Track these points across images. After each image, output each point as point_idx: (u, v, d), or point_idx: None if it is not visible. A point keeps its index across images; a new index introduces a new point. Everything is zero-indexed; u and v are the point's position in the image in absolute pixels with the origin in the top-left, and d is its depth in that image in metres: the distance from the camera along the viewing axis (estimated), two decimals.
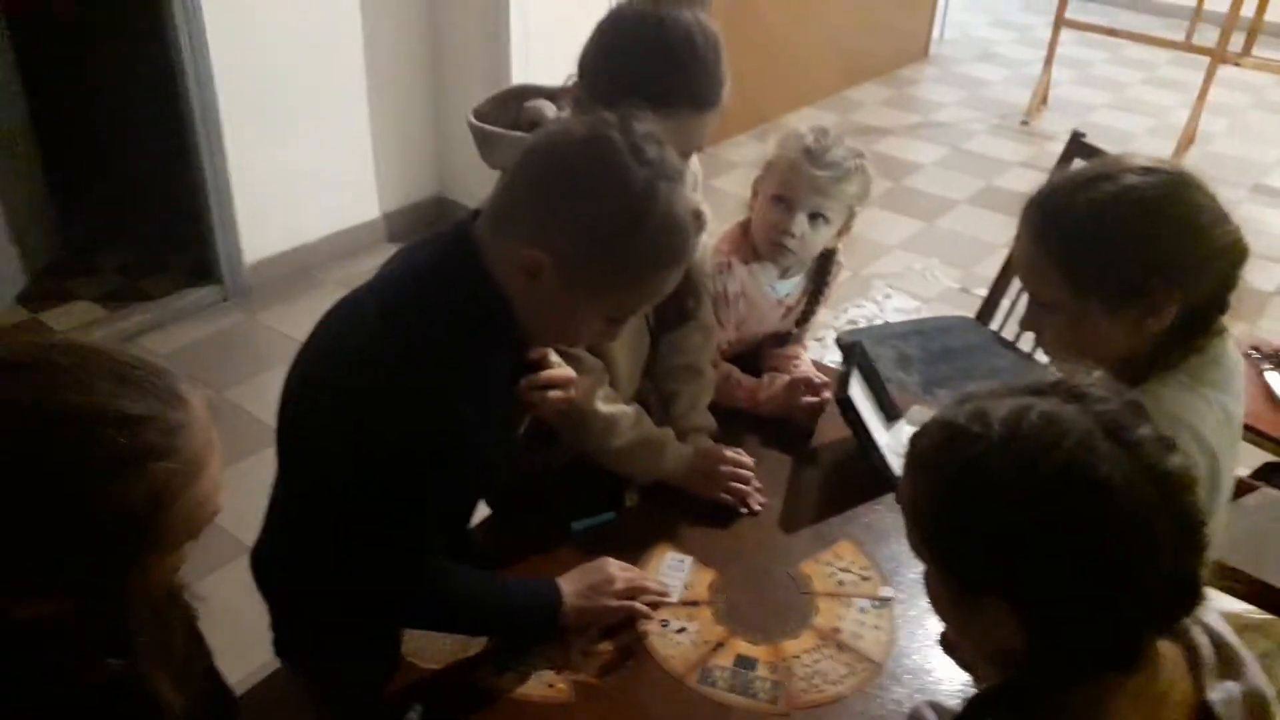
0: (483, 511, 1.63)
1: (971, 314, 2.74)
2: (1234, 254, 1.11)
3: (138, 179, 3.76)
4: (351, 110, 3.59)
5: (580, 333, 1.21)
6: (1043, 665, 0.75)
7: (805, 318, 1.83)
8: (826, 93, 5.58)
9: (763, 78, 4.90)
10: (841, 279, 1.87)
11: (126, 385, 0.79)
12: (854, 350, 1.69)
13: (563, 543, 1.46)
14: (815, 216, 1.66)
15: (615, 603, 1.30)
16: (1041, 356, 2.53)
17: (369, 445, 1.10)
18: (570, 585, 1.30)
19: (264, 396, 2.84)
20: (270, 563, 1.31)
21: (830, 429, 1.72)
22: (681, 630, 1.34)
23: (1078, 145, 2.50)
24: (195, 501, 0.82)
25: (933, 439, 0.78)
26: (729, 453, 1.57)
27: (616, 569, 1.34)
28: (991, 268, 3.91)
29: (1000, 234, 4.17)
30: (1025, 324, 1.23)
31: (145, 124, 3.55)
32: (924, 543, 0.80)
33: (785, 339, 1.85)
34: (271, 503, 1.28)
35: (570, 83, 1.45)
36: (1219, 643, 0.82)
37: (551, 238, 1.08)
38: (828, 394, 1.71)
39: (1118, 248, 1.10)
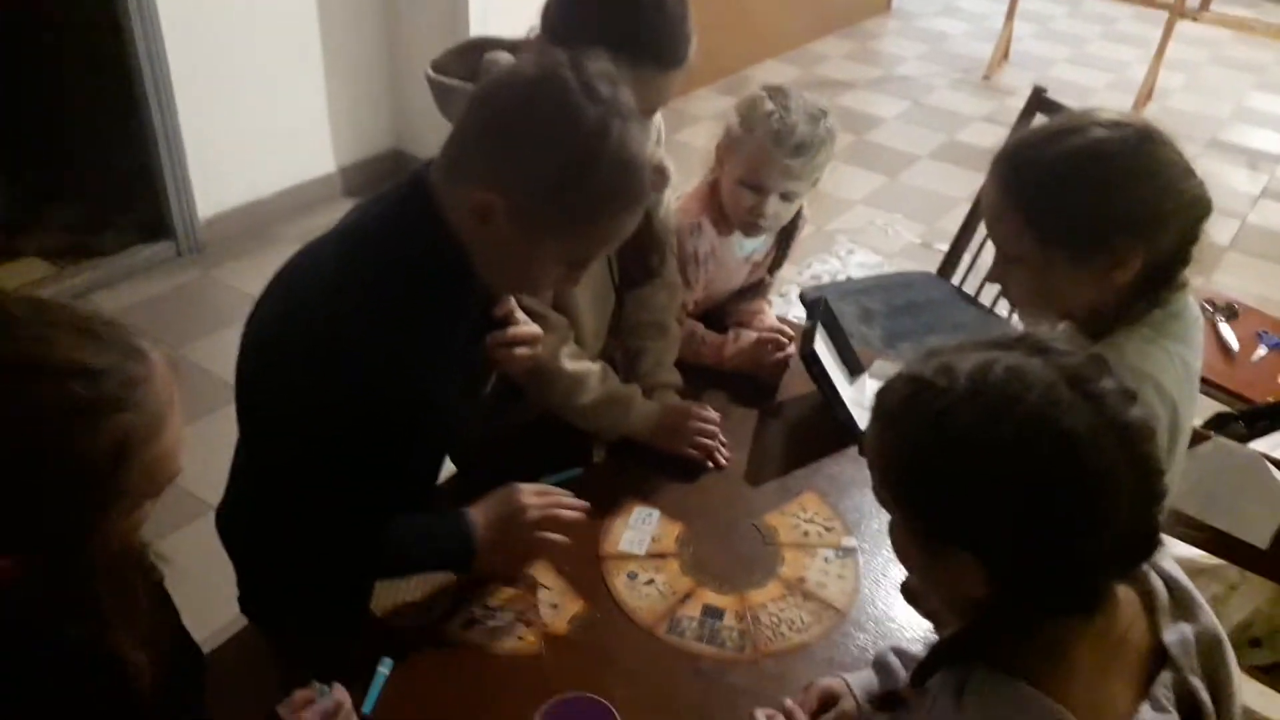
0: (449, 469, 1.63)
1: (934, 269, 2.76)
2: (1198, 209, 1.13)
3: (85, 133, 3.64)
4: (305, 62, 3.51)
5: (539, 279, 1.18)
6: (1005, 611, 0.77)
7: (770, 271, 1.83)
8: (789, 46, 5.55)
9: (725, 31, 4.85)
10: (806, 234, 1.87)
11: (86, 338, 0.77)
12: (818, 305, 1.70)
13: None
14: (786, 195, 1.66)
15: (530, 535, 1.27)
16: (1003, 310, 2.57)
17: (325, 401, 1.09)
18: (482, 516, 1.26)
19: (222, 354, 2.79)
20: (234, 521, 1.30)
21: (795, 383, 1.73)
22: (650, 582, 1.35)
23: (1039, 100, 2.52)
24: (156, 457, 0.80)
25: (899, 393, 0.79)
26: (695, 408, 1.58)
27: (528, 496, 1.28)
28: (953, 222, 3.93)
29: (962, 189, 4.19)
30: (991, 277, 1.24)
31: (92, 76, 3.43)
32: (890, 494, 0.81)
33: (750, 293, 1.86)
34: (234, 461, 1.26)
35: (532, 34, 1.42)
36: (1173, 586, 0.84)
37: (502, 179, 1.06)
38: (792, 349, 1.72)
39: (1084, 201, 1.11)
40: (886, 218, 4.00)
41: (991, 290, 2.66)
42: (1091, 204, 1.10)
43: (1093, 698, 0.76)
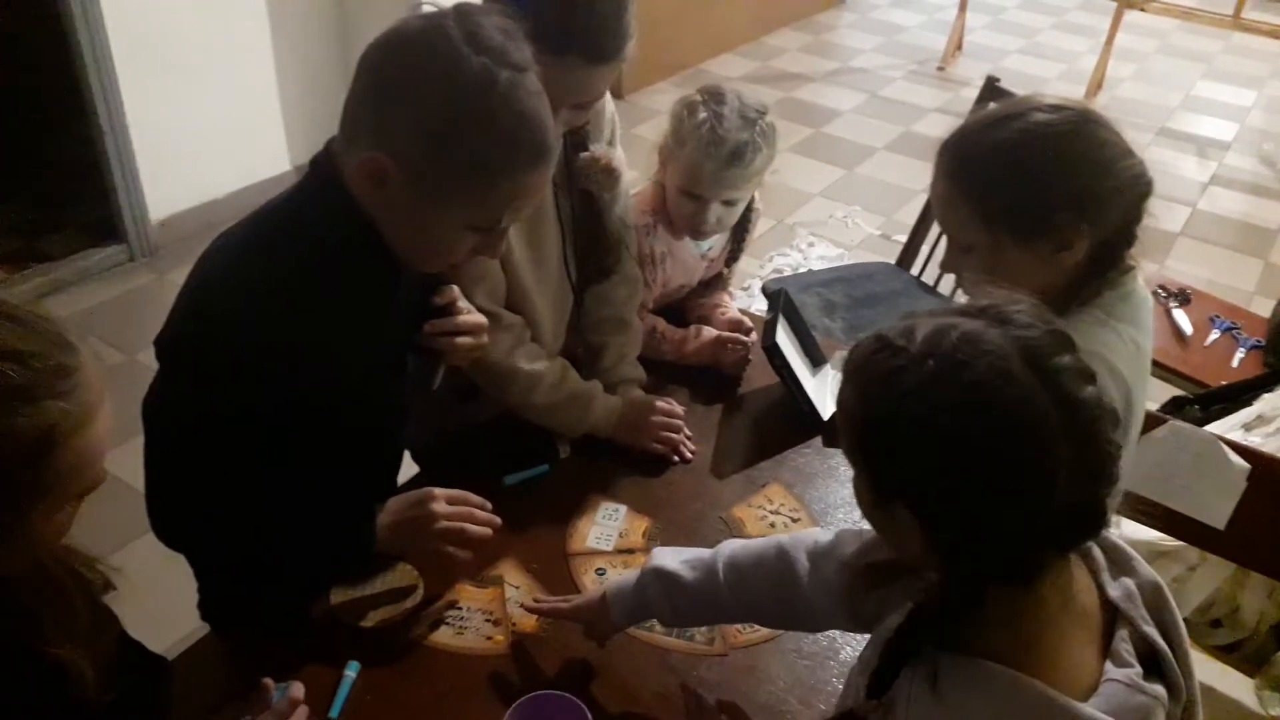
0: (412, 469, 1.62)
1: (893, 260, 2.78)
2: (1139, 187, 1.15)
3: (30, 134, 3.56)
4: (257, 59, 3.46)
5: (448, 247, 1.12)
6: (949, 583, 0.78)
7: (728, 265, 1.83)
8: (745, 39, 5.56)
9: (681, 25, 4.85)
10: (765, 229, 1.87)
11: (17, 324, 0.77)
12: (779, 298, 1.70)
13: (495, 497, 1.45)
14: (728, 201, 1.66)
15: (432, 545, 1.20)
16: (962, 299, 2.59)
17: (225, 386, 1.07)
18: (388, 517, 1.21)
19: None
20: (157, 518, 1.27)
21: (757, 376, 1.74)
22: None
23: (992, 90, 2.54)
24: (84, 451, 0.79)
25: (865, 349, 0.80)
26: (658, 403, 1.57)
27: (439, 504, 1.21)
28: (911, 214, 3.97)
29: (919, 180, 4.21)
30: (945, 266, 1.25)
31: (35, 74, 3.36)
32: (848, 447, 0.83)
33: (710, 287, 1.86)
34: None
35: None
36: (1105, 545, 0.86)
37: (389, 138, 1.02)
38: (753, 339, 1.73)
39: (1027, 183, 1.12)
40: (845, 210, 4.03)
41: (950, 279, 2.69)
42: (1033, 185, 1.12)
43: (1061, 664, 0.77)
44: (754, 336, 1.73)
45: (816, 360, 1.75)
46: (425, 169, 1.03)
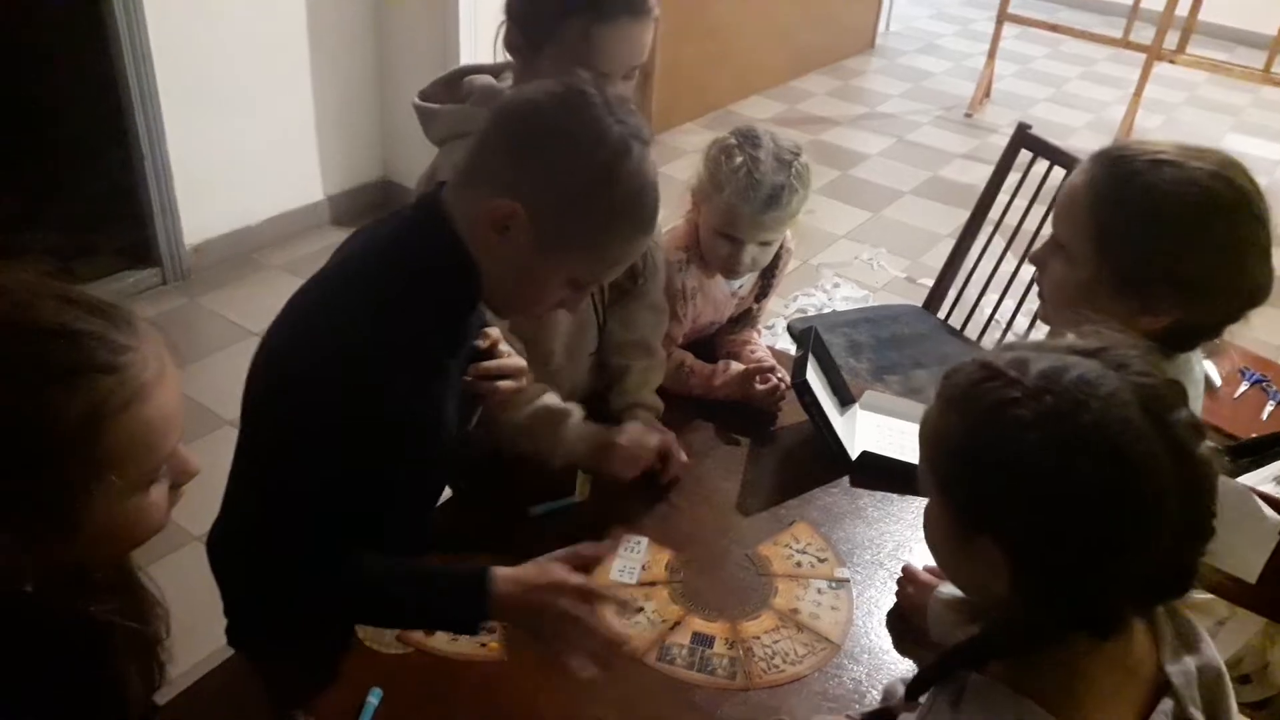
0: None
1: (918, 303, 2.78)
2: (1255, 295, 1.11)
3: (71, 158, 3.63)
4: (295, 91, 3.52)
5: (545, 296, 1.17)
6: (1021, 619, 0.76)
7: (757, 300, 1.84)
8: (774, 82, 5.62)
9: (711, 67, 4.91)
10: (790, 269, 1.88)
11: (73, 305, 0.78)
12: (809, 335, 1.71)
13: (522, 526, 1.46)
14: (763, 242, 1.67)
15: (557, 600, 1.10)
16: (989, 344, 2.59)
17: (333, 423, 1.08)
18: (509, 571, 1.14)
19: (208, 382, 2.79)
20: (227, 552, 1.28)
21: (786, 413, 1.73)
22: (639, 610, 1.34)
23: (1023, 136, 2.55)
24: (140, 427, 0.78)
25: (969, 376, 0.78)
26: (634, 428, 1.53)
27: (563, 573, 1.13)
28: (936, 258, 3.98)
29: (945, 224, 4.24)
30: (1034, 257, 1.23)
31: (80, 101, 3.43)
32: (934, 473, 0.81)
33: (739, 323, 1.86)
34: (228, 489, 1.24)
35: (507, 54, 1.45)
36: (1175, 617, 0.84)
37: (524, 188, 1.07)
38: (780, 376, 1.73)
39: (1149, 240, 1.09)
40: (871, 252, 4.03)
41: (976, 323, 2.69)
42: (1153, 245, 1.09)
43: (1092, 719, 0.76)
44: (781, 376, 1.73)
45: (845, 399, 1.75)
46: (552, 220, 1.08)
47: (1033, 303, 2.48)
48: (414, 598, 1.17)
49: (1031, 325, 2.52)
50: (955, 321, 2.67)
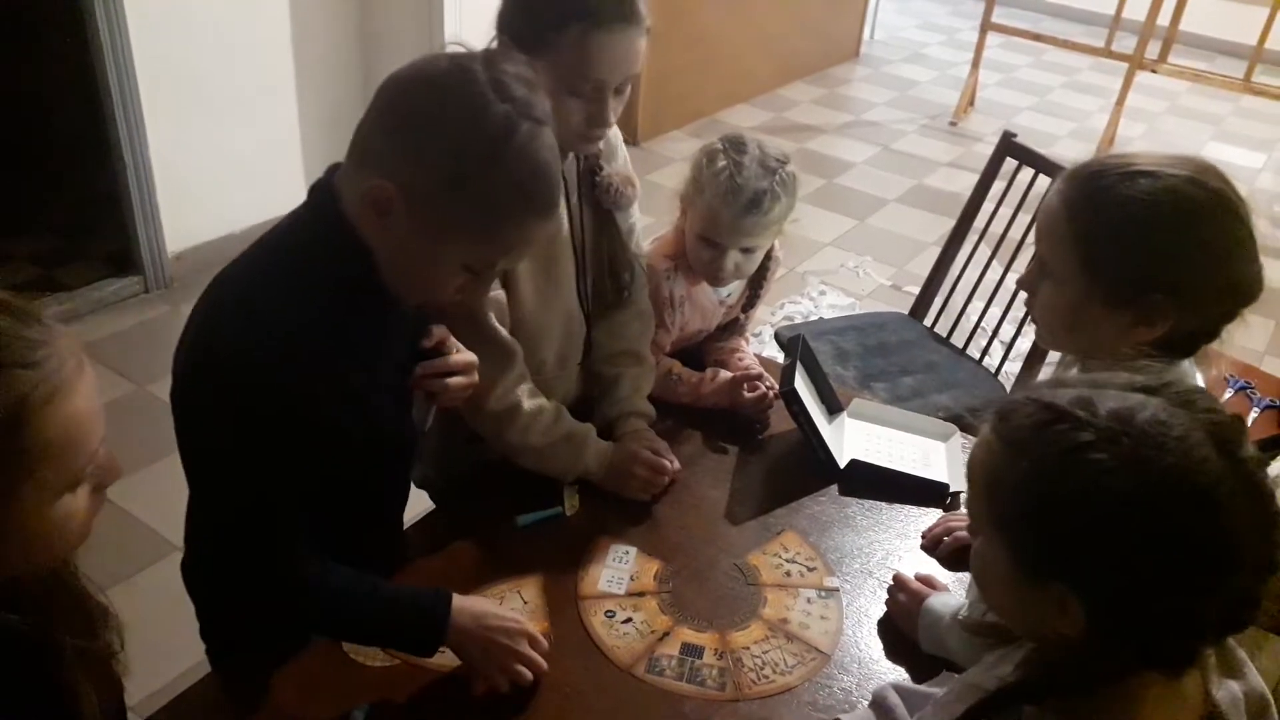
0: (426, 505, 1.61)
1: (904, 310, 2.79)
2: (1247, 293, 1.11)
3: (53, 165, 3.60)
4: (280, 95, 3.50)
5: (440, 282, 1.12)
6: (1093, 657, 0.75)
7: (745, 309, 1.83)
8: (760, 90, 5.63)
9: (698, 75, 4.91)
10: (778, 275, 1.87)
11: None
12: (797, 344, 1.70)
13: (507, 537, 1.44)
14: (745, 249, 1.66)
15: (494, 670, 1.17)
16: (974, 352, 2.60)
17: (211, 411, 1.06)
18: (469, 621, 1.17)
19: None
20: (192, 569, 1.27)
21: (774, 422, 1.73)
22: (627, 620, 1.33)
23: (1009, 145, 2.56)
24: (66, 424, 0.76)
25: (1033, 418, 0.76)
26: (644, 454, 1.54)
27: (527, 649, 1.19)
28: (922, 265, 4.00)
29: (930, 232, 4.26)
30: (1023, 283, 1.21)
31: (61, 107, 3.41)
32: (993, 518, 0.79)
33: (726, 331, 1.85)
34: (188, 507, 1.22)
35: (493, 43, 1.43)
36: (1221, 646, 0.83)
37: (400, 169, 1.02)
38: (769, 385, 1.72)
39: (1138, 252, 1.08)
40: (857, 260, 4.04)
41: (963, 331, 2.70)
42: (1142, 256, 1.08)
43: None
44: (770, 384, 1.72)
45: (833, 407, 1.74)
46: (433, 204, 1.04)
47: (1018, 310, 2.51)
48: (374, 618, 1.18)
49: (1017, 333, 2.52)
50: (941, 329, 2.67)
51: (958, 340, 2.64)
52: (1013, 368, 2.55)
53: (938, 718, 0.88)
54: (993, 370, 2.51)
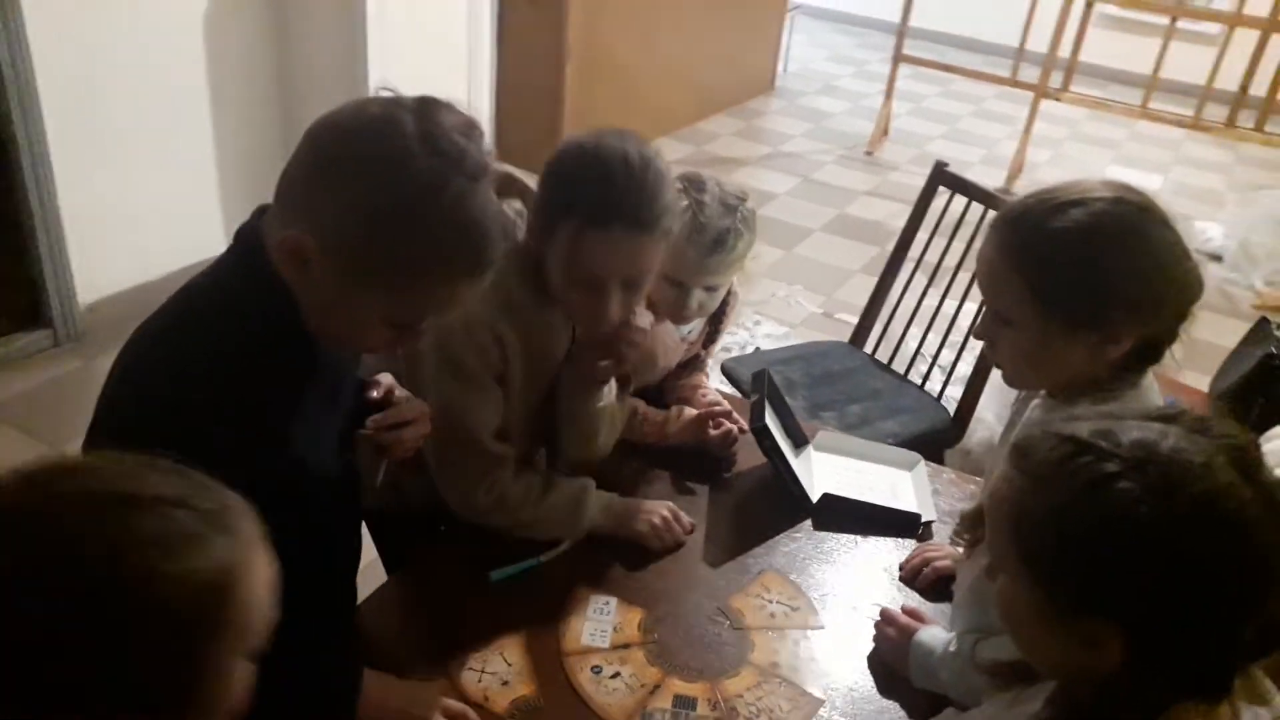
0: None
1: (836, 337, 2.81)
2: (1193, 289, 1.14)
3: None
4: (194, 135, 3.38)
5: (363, 335, 1.08)
6: (1132, 690, 0.74)
7: (706, 345, 1.81)
8: (680, 124, 5.68)
9: (620, 110, 4.93)
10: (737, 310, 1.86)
11: (169, 473, 0.74)
12: (763, 379, 1.69)
13: (482, 594, 1.38)
14: (709, 288, 1.64)
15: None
16: (916, 378, 2.63)
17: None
18: (382, 696, 1.17)
19: None
20: None
21: (740, 458, 1.71)
22: (615, 675, 1.28)
23: (941, 174, 2.61)
24: (255, 593, 0.74)
25: (1055, 451, 0.75)
26: (657, 505, 1.52)
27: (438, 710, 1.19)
28: (850, 292, 4.07)
29: (855, 260, 4.34)
30: (980, 334, 1.22)
31: None
32: (1019, 555, 0.77)
33: (688, 369, 1.83)
34: None
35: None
36: (1245, 672, 0.83)
37: (316, 218, 0.97)
38: (734, 420, 1.70)
39: (1089, 278, 1.10)
40: (787, 289, 4.08)
41: (903, 358, 2.73)
42: (1095, 280, 1.10)
43: None
44: (737, 421, 1.70)
45: (799, 441, 1.73)
46: (347, 256, 0.98)
47: (956, 335, 2.56)
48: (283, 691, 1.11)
49: (957, 359, 2.56)
50: (882, 356, 2.70)
51: (899, 366, 2.67)
52: (954, 391, 2.58)
53: None
54: (935, 395, 2.54)
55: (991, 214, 2.38)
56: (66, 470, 0.73)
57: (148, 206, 3.27)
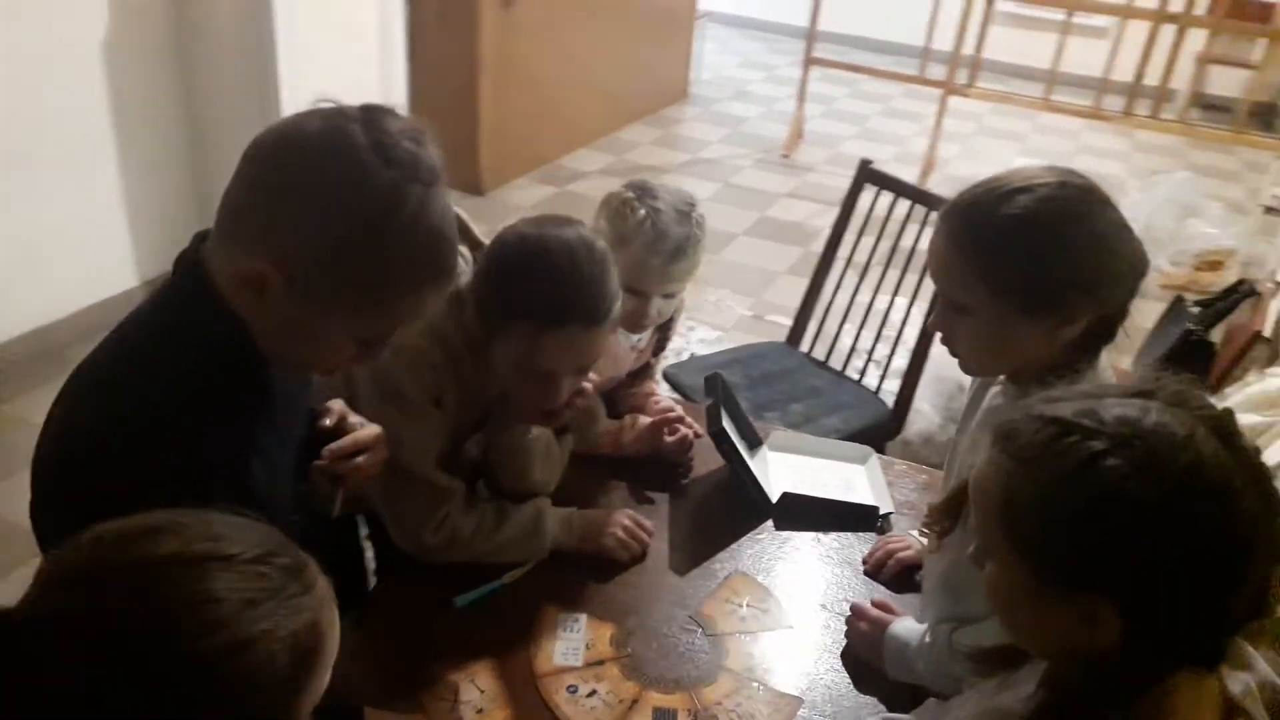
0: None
1: (767, 338, 2.83)
2: (1140, 266, 1.16)
3: None
4: (97, 167, 3.23)
5: (329, 356, 1.04)
6: (1127, 664, 0.74)
7: (656, 353, 1.80)
8: (598, 134, 5.67)
9: (536, 122, 4.90)
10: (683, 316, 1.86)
11: (243, 529, 0.74)
12: (717, 383, 1.68)
13: (447, 620, 1.34)
14: (668, 294, 1.65)
15: None
16: (853, 373, 2.66)
17: (91, 516, 0.88)
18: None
19: (19, 500, 2.48)
20: None
21: (696, 463, 1.70)
22: (592, 694, 1.25)
23: (867, 172, 2.65)
24: (333, 647, 0.74)
25: (1041, 433, 0.75)
26: (621, 514, 1.51)
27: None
28: (777, 294, 4.11)
29: (780, 262, 4.38)
30: (936, 325, 1.23)
31: None
32: (1009, 538, 0.77)
33: (638, 377, 1.82)
34: None
35: None
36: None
37: (276, 246, 0.93)
38: (687, 426, 1.69)
39: (1041, 261, 1.12)
40: (716, 294, 4.10)
41: (840, 354, 2.76)
42: (1047, 263, 1.12)
43: None
44: (690, 423, 1.69)
45: (754, 442, 1.73)
46: (316, 281, 0.95)
47: (890, 330, 2.60)
48: None
49: (892, 353, 2.60)
50: (818, 354, 2.72)
51: (835, 363, 2.70)
52: (891, 385, 2.62)
53: None
54: (873, 389, 2.57)
55: (919, 209, 2.47)
56: (150, 531, 0.72)
57: (51, 242, 3.12)
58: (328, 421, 1.21)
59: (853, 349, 2.72)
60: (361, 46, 3.89)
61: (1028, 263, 1.12)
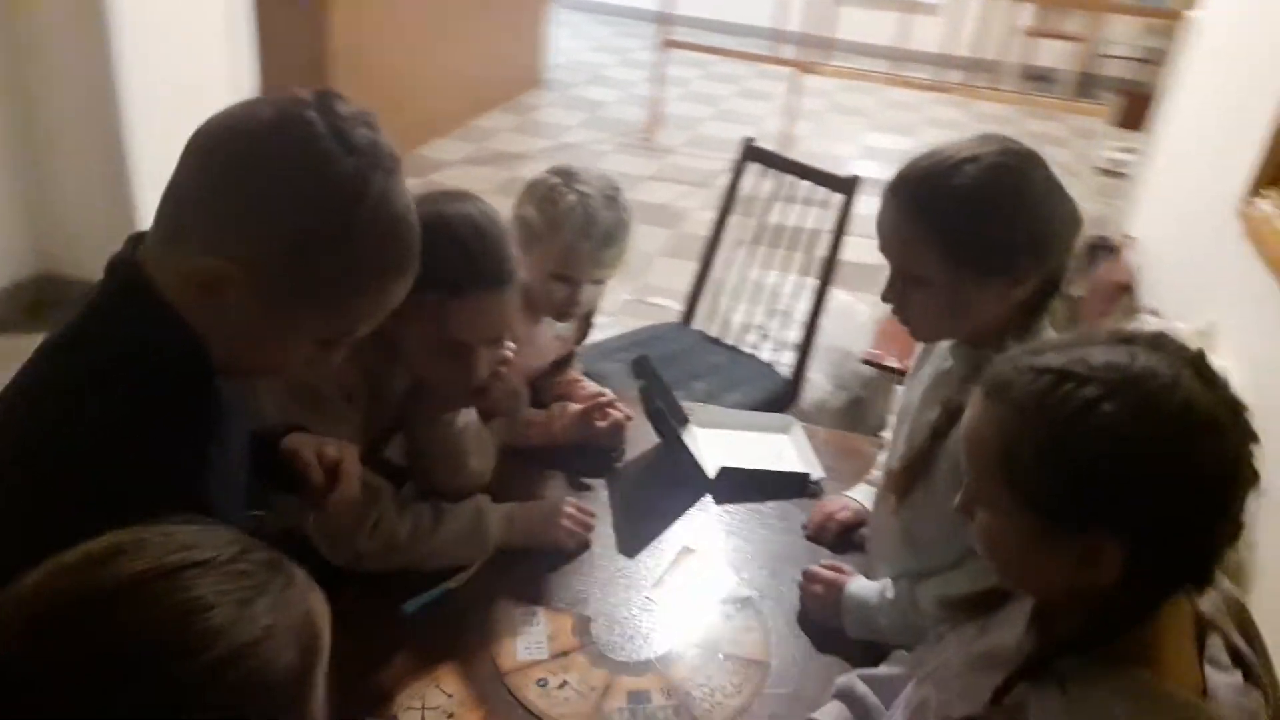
0: None
1: (655, 320, 2.86)
2: (1079, 224, 1.22)
3: None
4: None
5: (287, 359, 0.99)
6: (1128, 597, 0.78)
7: (579, 341, 1.79)
8: (456, 124, 5.56)
9: (392, 115, 4.65)
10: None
11: (206, 532, 0.68)
12: (647, 365, 1.68)
13: (397, 628, 1.29)
14: (598, 280, 1.64)
15: None
16: (747, 349, 2.71)
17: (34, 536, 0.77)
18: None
19: None
20: None
21: (628, 446, 1.69)
22: (563, 685, 1.23)
23: (751, 150, 2.70)
24: (327, 626, 0.71)
25: (1035, 384, 0.78)
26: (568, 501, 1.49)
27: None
28: (656, 276, 4.14)
29: (653, 244, 4.41)
30: (888, 298, 1.26)
31: None
32: (1013, 486, 0.80)
33: (561, 366, 1.79)
34: None
35: None
36: None
37: (235, 245, 0.87)
38: (617, 410, 1.68)
39: (993, 226, 1.16)
40: None
41: (733, 331, 2.80)
42: (998, 227, 1.16)
43: (1176, 668, 0.79)
44: (621, 406, 1.69)
45: (681, 421, 1.73)
46: (279, 277, 0.89)
47: (780, 304, 2.66)
48: None
49: (781, 327, 2.65)
50: (713, 332, 2.76)
51: (731, 339, 2.74)
52: (783, 356, 2.68)
53: (967, 694, 0.88)
54: (769, 363, 2.62)
55: (804, 184, 2.53)
56: (112, 552, 0.65)
57: None
58: (289, 444, 1.14)
59: (746, 325, 2.77)
60: (208, 39, 3.67)
61: (982, 229, 1.16)
